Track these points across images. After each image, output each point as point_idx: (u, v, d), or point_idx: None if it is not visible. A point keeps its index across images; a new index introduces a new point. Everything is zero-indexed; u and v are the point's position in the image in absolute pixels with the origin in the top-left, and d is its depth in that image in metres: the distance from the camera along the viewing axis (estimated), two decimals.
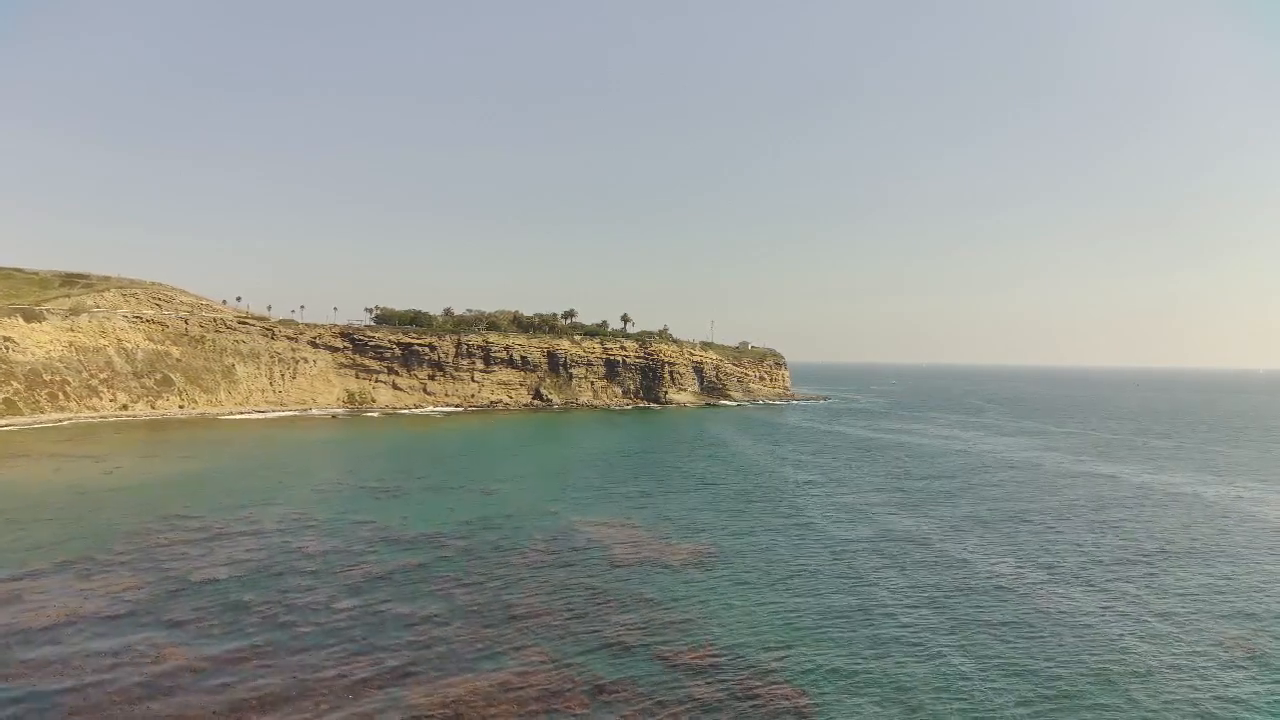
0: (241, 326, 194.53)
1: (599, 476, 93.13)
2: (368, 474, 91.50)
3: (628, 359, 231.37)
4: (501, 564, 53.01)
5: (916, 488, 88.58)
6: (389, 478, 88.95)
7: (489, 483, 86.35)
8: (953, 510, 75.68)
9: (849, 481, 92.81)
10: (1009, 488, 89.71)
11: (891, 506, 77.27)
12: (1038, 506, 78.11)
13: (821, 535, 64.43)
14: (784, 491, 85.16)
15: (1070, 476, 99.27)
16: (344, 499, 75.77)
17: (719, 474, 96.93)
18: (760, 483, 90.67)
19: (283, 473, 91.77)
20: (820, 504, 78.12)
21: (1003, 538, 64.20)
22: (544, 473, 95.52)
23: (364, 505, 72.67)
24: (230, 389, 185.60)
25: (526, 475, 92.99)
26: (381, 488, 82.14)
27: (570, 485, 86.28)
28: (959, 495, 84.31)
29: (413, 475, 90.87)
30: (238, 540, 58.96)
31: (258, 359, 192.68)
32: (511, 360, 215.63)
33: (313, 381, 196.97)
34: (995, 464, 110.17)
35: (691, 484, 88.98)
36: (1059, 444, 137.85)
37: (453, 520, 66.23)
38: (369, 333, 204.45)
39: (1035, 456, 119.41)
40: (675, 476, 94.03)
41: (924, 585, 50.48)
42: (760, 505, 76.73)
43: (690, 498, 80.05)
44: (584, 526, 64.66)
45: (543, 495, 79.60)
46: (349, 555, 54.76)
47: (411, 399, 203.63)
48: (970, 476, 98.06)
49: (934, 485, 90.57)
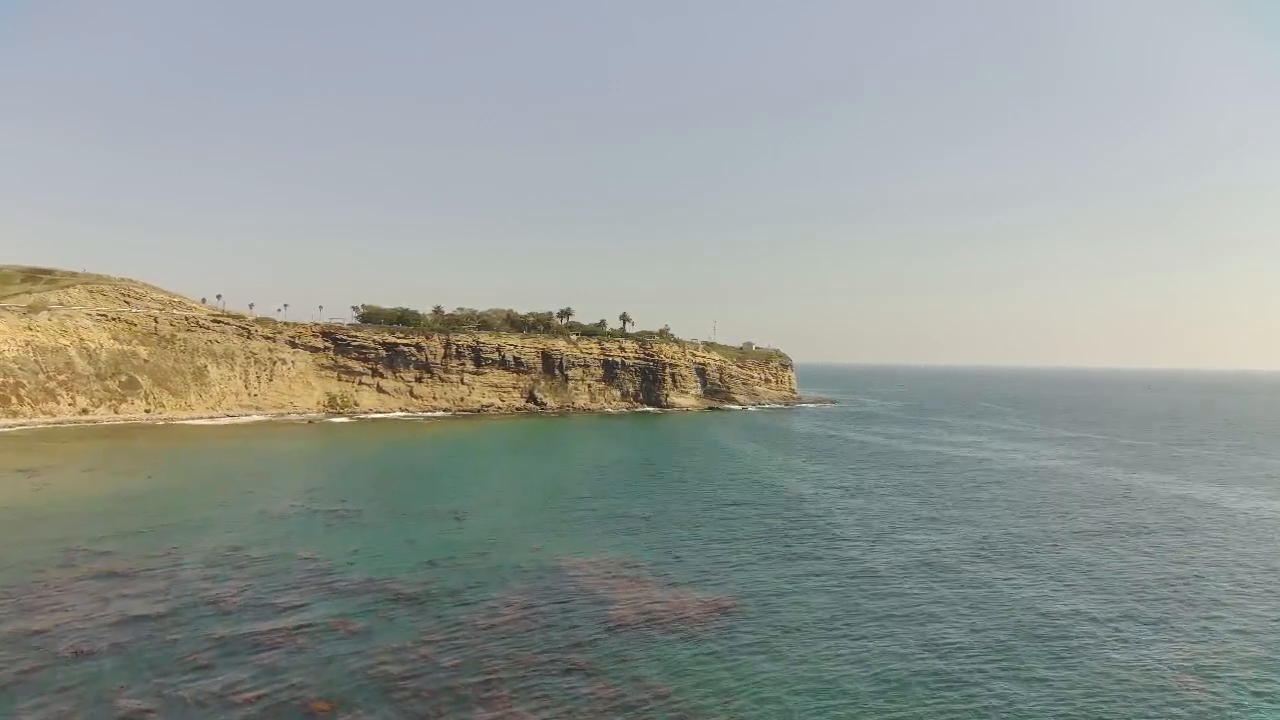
0: (215, 325, 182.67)
1: (593, 496, 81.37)
2: (329, 492, 79.75)
3: (627, 360, 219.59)
4: (462, 628, 41.20)
5: (961, 509, 76.90)
6: (352, 497, 77.19)
7: (465, 504, 74.55)
8: (1013, 538, 64.00)
9: (882, 502, 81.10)
10: (1069, 508, 78.01)
11: (938, 534, 65.58)
12: (1108, 526, 66.42)
13: (866, 577, 52.72)
14: (810, 516, 73.43)
15: (1135, 493, 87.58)
16: (291, 527, 63.97)
17: (731, 492, 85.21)
18: (780, 505, 78.93)
19: (233, 491, 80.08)
20: (856, 533, 66.40)
21: (1082, 574, 52.53)
22: (530, 491, 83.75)
23: (311, 535, 60.88)
24: (202, 392, 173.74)
25: (509, 494, 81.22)
26: (339, 511, 70.33)
27: (559, 508, 74.49)
28: (1014, 520, 72.60)
29: (379, 494, 79.10)
30: (143, 586, 47.24)
31: (232, 360, 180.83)
32: (504, 361, 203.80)
33: (291, 384, 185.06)
34: (1041, 479, 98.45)
35: (700, 505, 77.26)
36: (1101, 454, 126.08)
37: (411, 558, 54.42)
38: (352, 332, 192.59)
39: (1080, 468, 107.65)
40: (681, 496, 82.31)
41: (1001, 640, 38.81)
42: (785, 536, 64.95)
43: (701, 525, 68.28)
44: (573, 568, 52.86)
45: (526, 521, 67.81)
46: (270, 613, 42.97)
47: (397, 402, 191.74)
48: (1019, 497, 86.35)
49: (981, 505, 78.88)
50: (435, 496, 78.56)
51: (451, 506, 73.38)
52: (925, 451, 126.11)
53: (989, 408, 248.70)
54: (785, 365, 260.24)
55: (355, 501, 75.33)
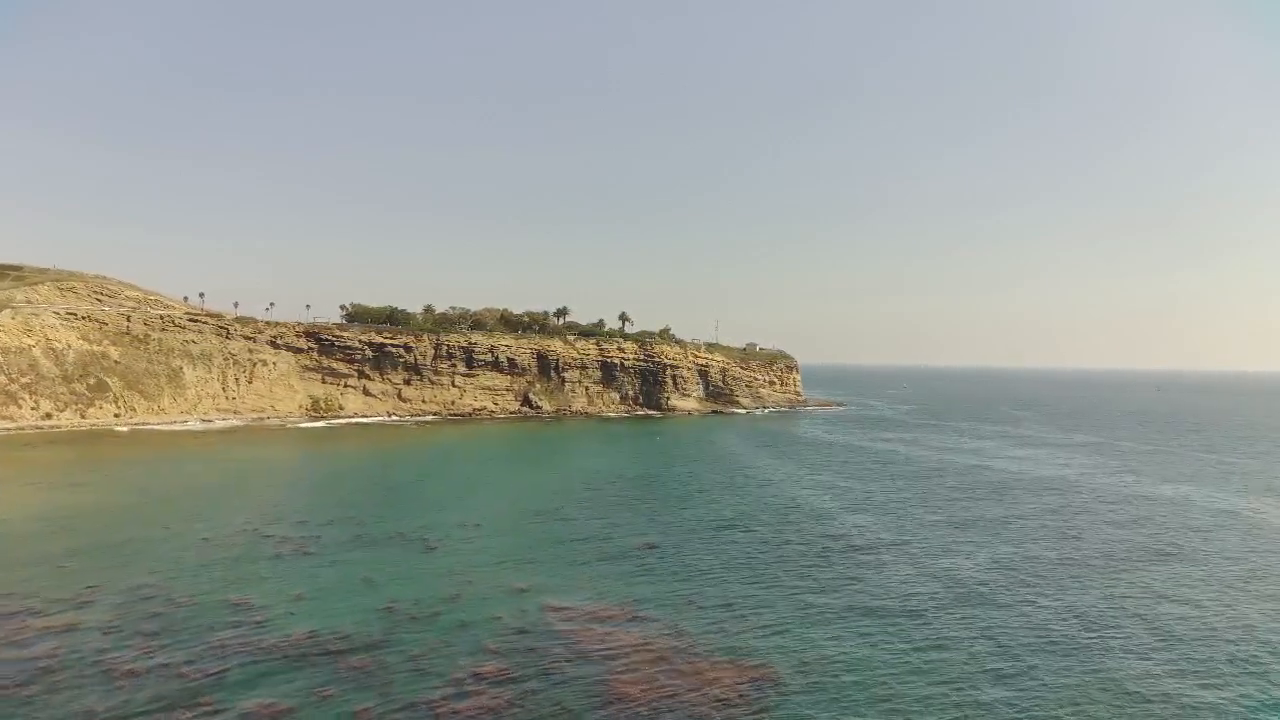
0: (192, 324, 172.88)
1: (589, 516, 71.75)
2: (289, 511, 70.09)
3: (626, 361, 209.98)
4: (419, 714, 31.60)
5: (1000, 529, 67.38)
6: (314, 517, 67.55)
7: (441, 526, 64.90)
8: (1065, 563, 54.52)
9: (913, 522, 71.52)
10: (1126, 530, 68.50)
11: (984, 563, 56.06)
12: (1176, 549, 56.99)
13: (914, 621, 43.16)
14: (835, 540, 63.89)
15: (1206, 515, 78.14)
16: (233, 559, 54.32)
17: (744, 512, 75.64)
18: (800, 526, 69.38)
19: (182, 509, 70.54)
20: (892, 562, 56.86)
21: (1181, 624, 43.12)
22: (517, 510, 74.11)
23: (253, 571, 51.23)
24: (176, 395, 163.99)
25: (493, 514, 71.57)
26: (295, 537, 60.65)
27: (549, 532, 64.85)
28: (1063, 544, 63.08)
29: (346, 513, 69.42)
30: (23, 644, 37.65)
31: (209, 361, 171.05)
32: (497, 363, 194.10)
33: (272, 386, 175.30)
34: (1083, 494, 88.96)
35: (710, 528, 67.69)
36: (1139, 465, 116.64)
37: (367, 604, 44.78)
38: (338, 332, 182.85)
39: (1126, 483, 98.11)
40: (688, 516, 72.73)
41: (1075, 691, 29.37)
42: (812, 568, 55.41)
43: (714, 554, 58.69)
44: (564, 618, 43.22)
45: (509, 550, 58.15)
46: (172, 689, 33.32)
47: (384, 406, 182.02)
48: (1063, 516, 76.83)
49: (1022, 526, 69.37)
50: (409, 517, 68.87)
51: (425, 530, 63.73)
52: (949, 462, 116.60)
53: (1003, 411, 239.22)
54: (790, 367, 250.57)
55: (317, 523, 65.67)
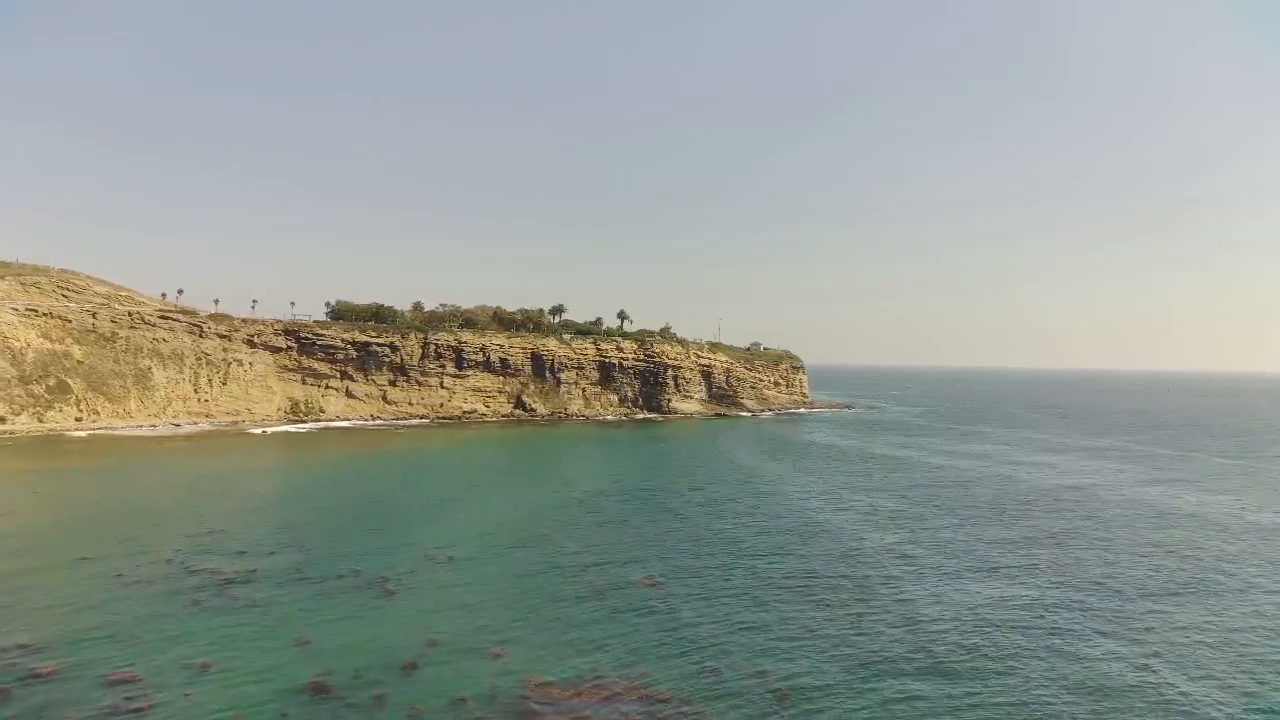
0: (163, 322, 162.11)
1: (583, 546, 61.22)
2: (228, 539, 59.46)
3: (625, 362, 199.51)
4: None
5: (1059, 553, 57.06)
6: (258, 546, 57.03)
7: (405, 562, 54.37)
8: (1139, 599, 44.25)
9: (951, 546, 61.09)
10: (1184, 553, 58.16)
11: (1049, 605, 45.70)
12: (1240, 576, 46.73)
13: (981, 684, 32.75)
14: (872, 575, 53.44)
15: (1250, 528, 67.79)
16: (137, 607, 43.76)
17: (764, 537, 65.15)
18: (828, 555, 58.94)
19: (108, 534, 60.05)
20: (934, 601, 46.43)
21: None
22: (499, 537, 63.57)
23: (159, 626, 40.65)
24: (144, 397, 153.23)
25: (470, 543, 61.02)
26: (223, 575, 50.05)
27: (535, 571, 54.27)
28: (1132, 574, 52.75)
29: (294, 543, 58.81)
30: None
31: (181, 361, 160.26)
32: (489, 363, 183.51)
33: (248, 388, 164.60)
34: (1124, 507, 78.61)
35: (725, 560, 57.21)
36: (1176, 473, 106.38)
37: (292, 680, 34.21)
38: (319, 330, 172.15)
39: (1166, 494, 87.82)
40: (701, 546, 62.25)
41: None
42: (853, 616, 44.89)
43: (737, 601, 48.15)
44: (551, 706, 32.67)
45: (485, 598, 47.52)
46: None
47: (368, 409, 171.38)
48: (1112, 535, 66.45)
49: (1078, 549, 59.04)
50: (371, 545, 58.34)
51: (387, 564, 53.21)
52: (977, 472, 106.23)
53: (1018, 414, 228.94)
54: (797, 367, 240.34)
55: (259, 552, 55.14)
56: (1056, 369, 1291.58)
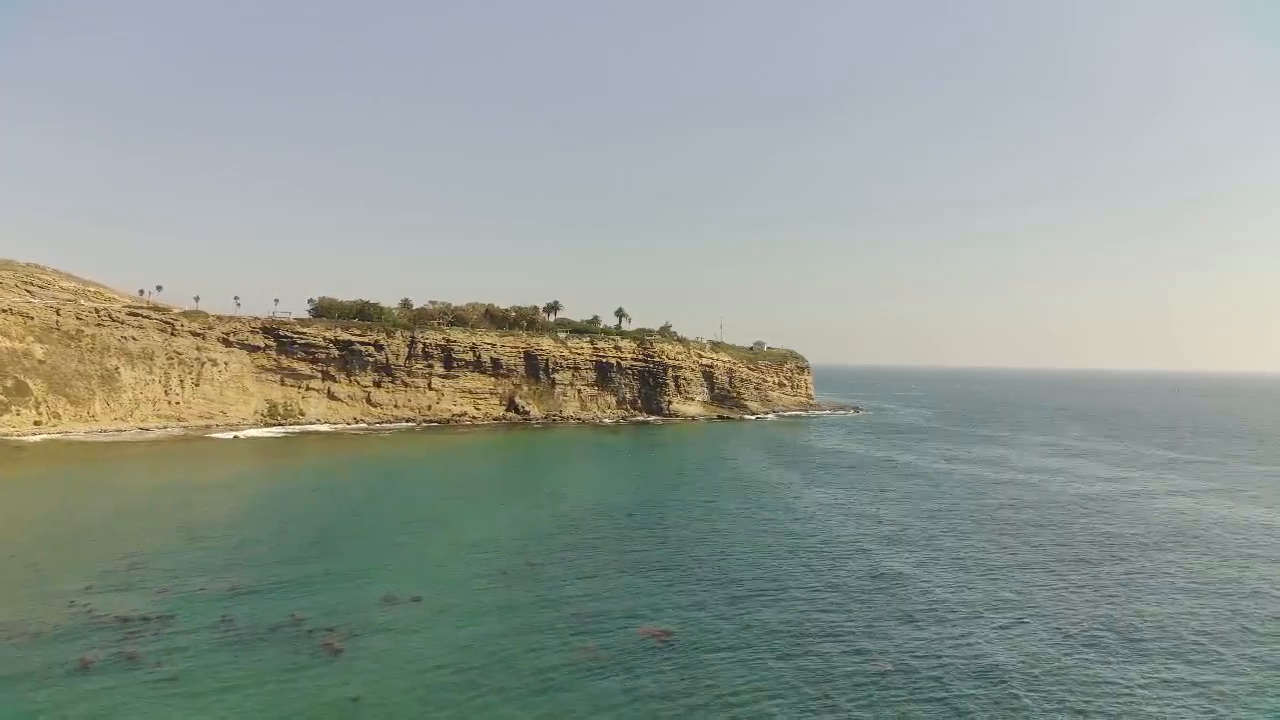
0: (132, 319, 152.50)
1: (574, 582, 52.01)
2: (153, 569, 50.20)
3: (623, 362, 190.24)
4: None
5: (1110, 582, 48.08)
6: (180, 583, 47.78)
7: (360, 606, 45.10)
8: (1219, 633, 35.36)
9: (995, 572, 52.03)
10: (1246, 579, 49.27)
11: (1124, 657, 36.75)
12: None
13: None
14: (919, 609, 44.37)
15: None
16: (4, 666, 34.57)
17: (784, 568, 56.01)
18: (867, 593, 49.82)
19: (16, 562, 50.94)
20: (1021, 653, 37.38)
21: None
22: (476, 570, 54.31)
23: (16, 703, 31.48)
24: (110, 399, 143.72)
25: (441, 581, 51.83)
26: (130, 622, 40.79)
27: (517, 615, 45.04)
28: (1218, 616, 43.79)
29: (228, 576, 49.53)
30: None
31: (151, 360, 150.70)
32: (479, 363, 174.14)
33: (223, 390, 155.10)
34: (1172, 523, 69.60)
35: (745, 600, 48.06)
36: (1213, 482, 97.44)
37: None
38: (299, 328, 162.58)
39: (1214, 507, 78.83)
40: (712, 580, 53.10)
41: None
42: (916, 674, 35.84)
43: (759, 660, 39.07)
44: None
45: (451, 660, 38.34)
46: None
47: (351, 411, 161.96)
48: (1174, 559, 57.47)
49: (1130, 576, 50.09)
50: (320, 583, 49.10)
51: (336, 607, 44.00)
52: (1006, 483, 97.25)
53: (1032, 416, 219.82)
54: (801, 367, 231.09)
55: (182, 592, 45.89)
56: (1056, 369, 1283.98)
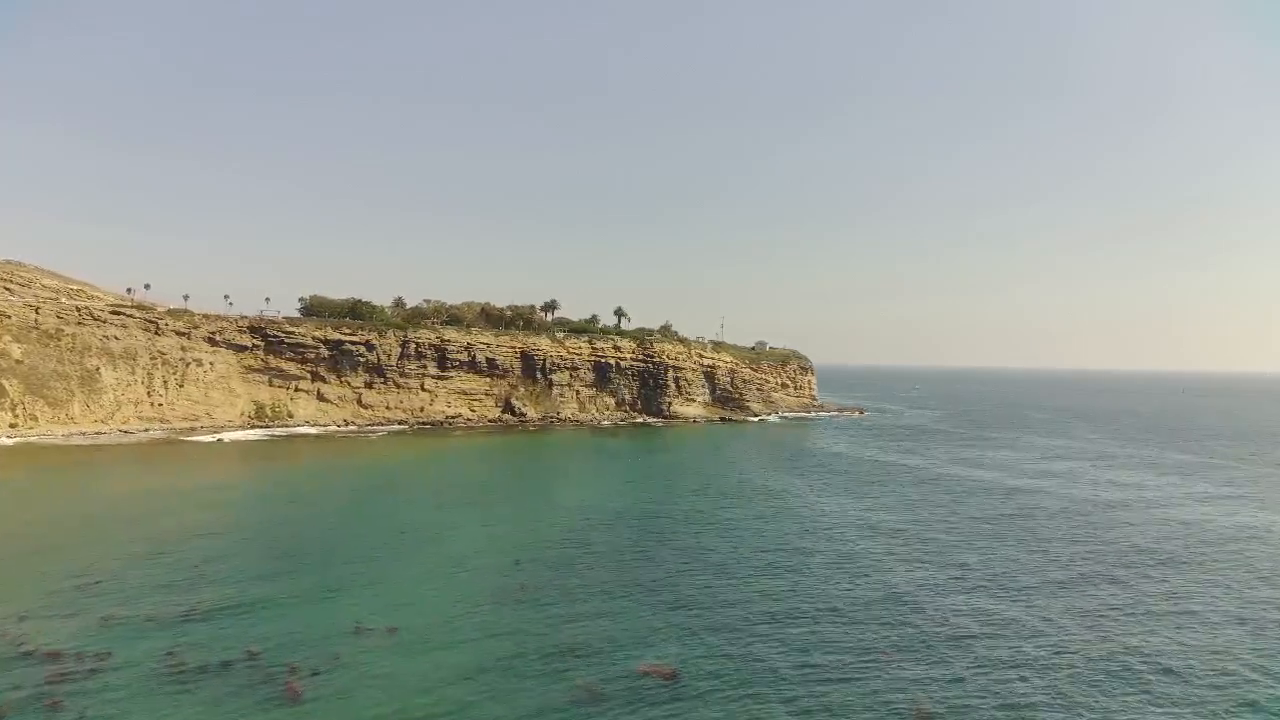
0: (114, 318, 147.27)
1: (569, 607, 46.84)
2: (98, 597, 44.99)
3: (623, 362, 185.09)
4: None
5: (1174, 612, 42.99)
6: (127, 613, 42.57)
7: (329, 638, 39.90)
8: None
9: (1061, 608, 46.92)
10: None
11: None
12: None
13: None
14: (959, 639, 39.24)
15: None
16: None
17: (802, 588, 50.88)
18: (898, 619, 44.65)
19: None
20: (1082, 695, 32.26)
21: None
22: (461, 594, 49.12)
23: None
24: (90, 401, 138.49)
25: (421, 608, 46.62)
26: (62, 662, 35.63)
27: (503, 650, 39.86)
28: None
29: (180, 603, 44.36)
30: None
31: (133, 360, 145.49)
32: (474, 363, 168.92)
33: (208, 391, 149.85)
34: (1219, 537, 64.49)
35: (762, 628, 42.92)
36: (1247, 490, 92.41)
37: None
38: (288, 327, 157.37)
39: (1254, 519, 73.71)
40: (722, 604, 47.97)
41: None
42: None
43: (773, 695, 33.94)
44: None
45: (430, 708, 33.23)
46: None
47: (341, 413, 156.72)
48: (1228, 577, 52.34)
49: (1188, 603, 45.03)
50: (285, 609, 43.89)
51: (299, 644, 38.79)
52: (1033, 492, 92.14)
53: (1044, 418, 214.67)
54: (804, 368, 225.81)
55: (127, 623, 40.68)
56: (1056, 369, 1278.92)
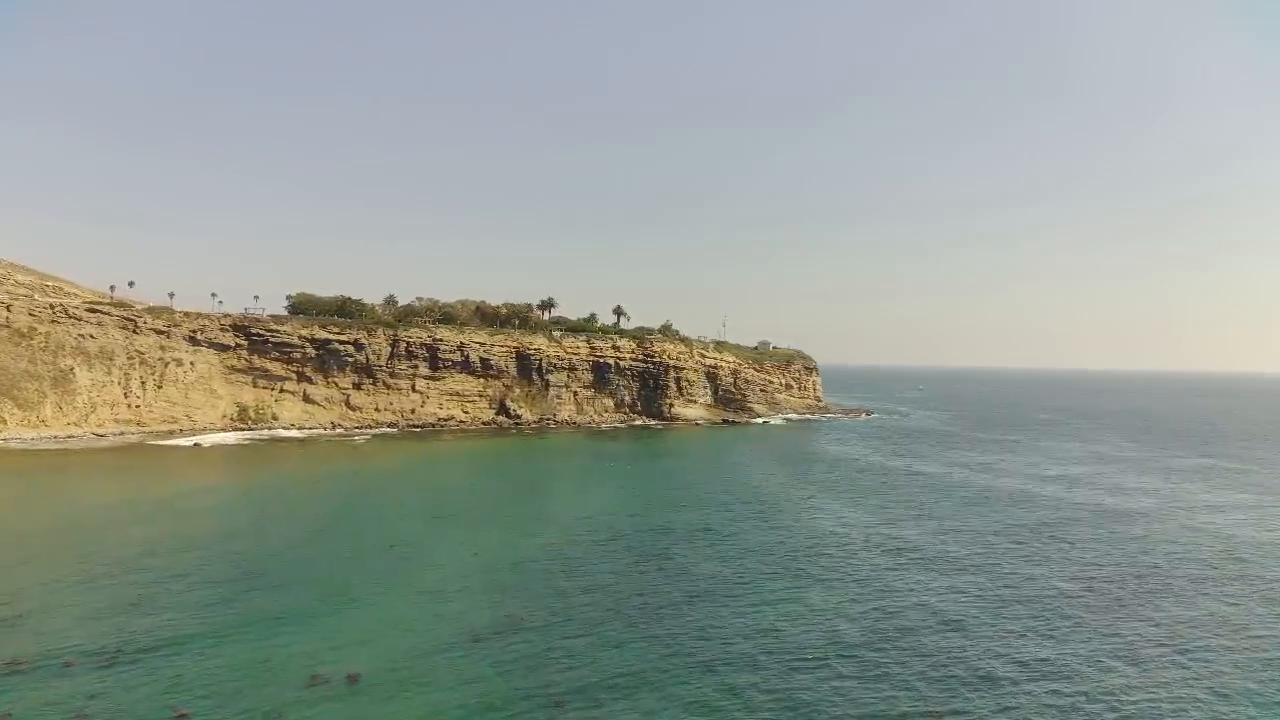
0: (90, 315, 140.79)
1: (558, 645, 40.53)
2: (11, 635, 38.69)
3: (622, 362, 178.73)
4: None
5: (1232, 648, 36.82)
6: (43, 658, 36.28)
7: (267, 697, 33.65)
8: None
9: (1128, 659, 40.73)
10: None
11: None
12: None
13: None
14: (1018, 686, 32.96)
15: None
16: None
17: (826, 624, 44.63)
18: (940, 665, 38.38)
19: None
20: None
21: None
22: (437, 633, 42.80)
23: None
24: (64, 402, 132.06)
25: (384, 651, 40.34)
26: None
27: (487, 693, 33.59)
28: None
29: (106, 645, 38.04)
30: None
31: (110, 360, 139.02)
32: (467, 363, 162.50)
33: (188, 392, 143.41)
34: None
35: (787, 677, 36.66)
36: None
37: None
38: (273, 326, 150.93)
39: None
40: (733, 640, 41.69)
41: None
42: None
43: None
44: None
45: None
46: None
47: (328, 415, 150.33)
48: None
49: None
50: (224, 650, 37.56)
51: (235, 702, 32.48)
52: (1061, 503, 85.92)
53: (1057, 420, 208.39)
54: (809, 368, 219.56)
55: (46, 656, 34.36)
56: (1056, 369, 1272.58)
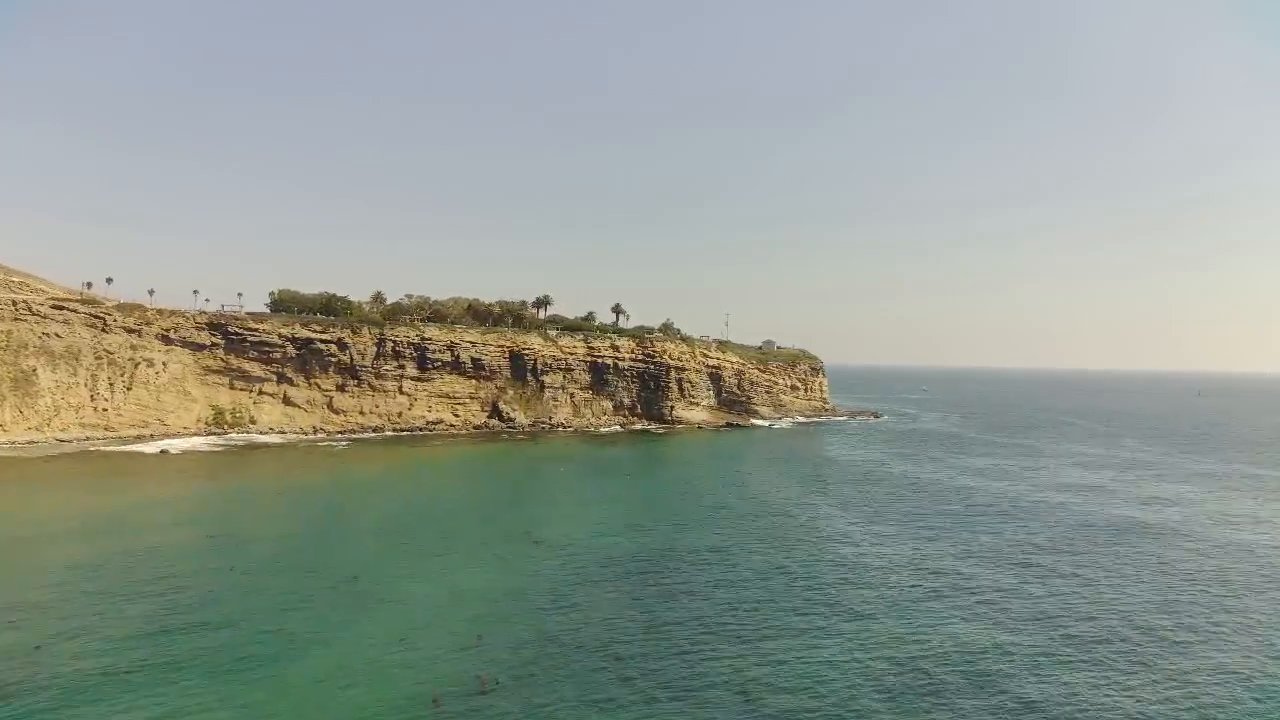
0: (56, 313, 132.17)
1: (546, 702, 32.56)
2: None
3: (621, 362, 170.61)
4: None
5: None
6: None
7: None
8: None
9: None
10: None
11: None
12: None
13: None
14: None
15: None
16: None
17: (854, 676, 36.67)
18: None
19: None
20: None
21: None
22: (400, 686, 34.73)
23: None
24: (25, 405, 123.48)
25: (344, 706, 32.30)
26: None
27: None
28: None
29: (22, 675, 30.10)
30: None
31: (76, 360, 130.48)
32: (458, 363, 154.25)
33: (159, 394, 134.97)
34: None
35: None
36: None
37: None
38: (251, 324, 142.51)
39: None
40: (746, 695, 33.68)
41: None
42: None
43: None
44: None
45: None
46: None
47: (310, 419, 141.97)
48: None
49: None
50: (146, 700, 29.54)
51: None
52: (1095, 516, 78.22)
53: (1069, 422, 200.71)
54: (815, 369, 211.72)
55: None
56: (1056, 369, 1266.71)
